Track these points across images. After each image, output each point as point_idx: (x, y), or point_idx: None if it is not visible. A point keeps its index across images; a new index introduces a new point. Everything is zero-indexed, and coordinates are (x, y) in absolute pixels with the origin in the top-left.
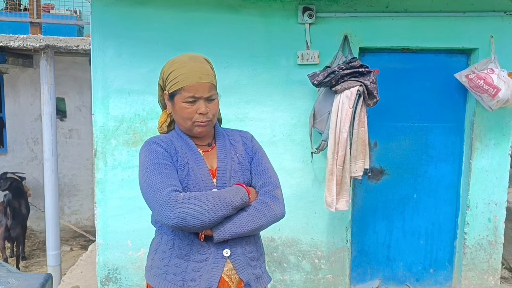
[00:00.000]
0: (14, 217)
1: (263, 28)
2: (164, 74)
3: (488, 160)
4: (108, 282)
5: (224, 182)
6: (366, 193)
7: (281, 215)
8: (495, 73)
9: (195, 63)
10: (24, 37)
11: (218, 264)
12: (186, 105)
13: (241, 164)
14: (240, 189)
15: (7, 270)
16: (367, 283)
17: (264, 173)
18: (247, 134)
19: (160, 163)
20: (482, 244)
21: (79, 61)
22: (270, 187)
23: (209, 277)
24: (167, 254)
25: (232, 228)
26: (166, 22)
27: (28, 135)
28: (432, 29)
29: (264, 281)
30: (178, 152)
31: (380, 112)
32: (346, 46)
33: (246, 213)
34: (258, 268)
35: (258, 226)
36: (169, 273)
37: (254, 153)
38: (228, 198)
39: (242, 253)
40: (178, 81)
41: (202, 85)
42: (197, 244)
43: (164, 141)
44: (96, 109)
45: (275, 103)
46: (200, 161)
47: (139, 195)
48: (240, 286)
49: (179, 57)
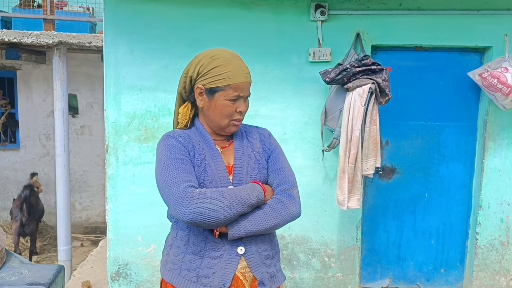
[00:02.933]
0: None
1: (275, 25)
2: (201, 68)
3: (501, 160)
4: (118, 277)
5: (240, 179)
6: (377, 192)
7: (297, 215)
8: (509, 72)
9: (239, 61)
10: (38, 34)
11: (232, 261)
12: (228, 103)
13: (258, 162)
14: (256, 187)
15: (20, 261)
16: (377, 282)
17: (281, 172)
18: (265, 131)
19: (177, 157)
20: (494, 244)
21: (91, 58)
22: (287, 186)
23: (222, 274)
24: (182, 250)
25: (247, 226)
26: (178, 18)
27: (40, 131)
28: (446, 27)
29: (278, 280)
30: (196, 148)
31: (392, 111)
32: (358, 43)
33: (261, 211)
34: (273, 266)
35: (273, 225)
36: (183, 268)
37: (271, 150)
38: (244, 196)
39: (257, 251)
40: (225, 77)
41: (247, 84)
42: (211, 240)
43: (182, 136)
44: (108, 105)
45: (286, 101)
46: (217, 157)
47: (150, 191)
48: (254, 284)
49: (218, 51)
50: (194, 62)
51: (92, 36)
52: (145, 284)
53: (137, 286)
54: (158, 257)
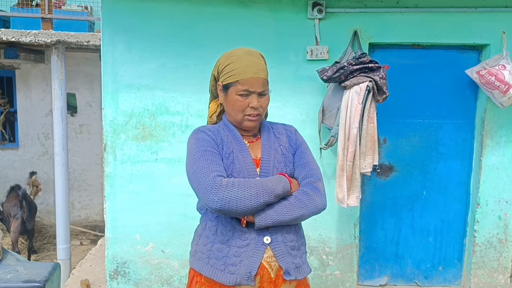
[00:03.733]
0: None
1: (272, 23)
2: (220, 66)
3: (499, 157)
4: (116, 275)
5: (267, 171)
6: (374, 190)
7: (322, 207)
8: (507, 70)
9: (251, 57)
10: (36, 33)
11: (258, 250)
12: (239, 98)
13: (284, 156)
14: (283, 178)
15: (16, 259)
16: (375, 280)
17: (307, 165)
18: (291, 127)
19: (206, 150)
20: (492, 242)
21: (90, 57)
22: (313, 179)
23: (249, 263)
24: (210, 240)
25: (274, 215)
26: (175, 17)
27: (39, 130)
28: (443, 24)
29: (304, 271)
30: (224, 141)
31: (389, 108)
32: (356, 41)
33: (287, 202)
34: (299, 257)
35: (299, 215)
36: (211, 257)
37: (298, 145)
38: (270, 186)
39: (283, 241)
40: (235, 74)
41: (257, 80)
42: (238, 230)
43: (211, 130)
44: (106, 103)
45: (283, 99)
46: (245, 150)
47: (148, 190)
48: (279, 273)
49: (235, 50)
50: (217, 62)
51: (91, 35)
52: (143, 282)
53: (135, 284)
54: (157, 255)
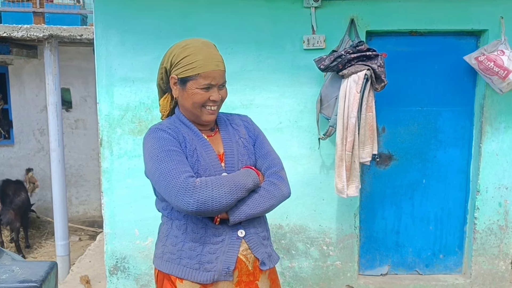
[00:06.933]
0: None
1: (268, 12)
2: (173, 58)
3: (499, 144)
4: (116, 271)
5: (232, 166)
6: (374, 179)
7: (288, 195)
8: (506, 55)
9: (211, 49)
10: (28, 27)
11: (234, 244)
12: (200, 91)
13: (246, 148)
14: (251, 172)
15: (11, 259)
16: (376, 269)
17: (268, 155)
18: (246, 117)
19: (170, 150)
20: (492, 229)
21: (83, 51)
22: (276, 168)
23: (226, 258)
24: (180, 239)
25: (246, 210)
26: (169, 8)
27: (34, 126)
28: (441, 11)
29: (274, 259)
30: (186, 139)
31: (388, 97)
32: (353, 29)
33: (257, 194)
34: (269, 247)
35: (270, 206)
36: (183, 257)
37: (256, 136)
38: (242, 181)
39: (255, 233)
40: (195, 67)
41: (219, 72)
42: (211, 227)
43: (171, 128)
44: (100, 98)
45: (281, 89)
46: (207, 146)
47: (145, 184)
48: (255, 264)
49: (190, 41)
50: (168, 53)
51: (83, 29)
52: (143, 277)
53: (135, 279)
54: None
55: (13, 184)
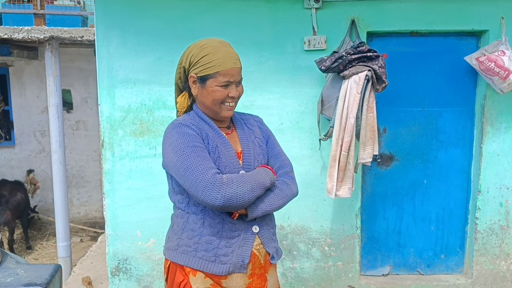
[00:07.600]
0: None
1: (268, 13)
2: (192, 58)
3: (500, 144)
4: (118, 272)
5: (249, 164)
6: (375, 180)
7: (296, 194)
8: (506, 55)
9: (227, 48)
10: (28, 29)
11: (249, 239)
12: (219, 89)
13: (261, 148)
14: (268, 171)
15: (16, 262)
16: (377, 270)
17: (279, 156)
18: (259, 118)
19: (195, 146)
20: (493, 229)
21: (84, 52)
22: (288, 169)
23: (241, 252)
24: (197, 232)
25: (263, 206)
26: (170, 10)
27: (35, 127)
28: (441, 11)
29: (280, 254)
30: (209, 136)
31: (389, 97)
32: (354, 30)
33: (272, 193)
34: (277, 242)
35: (282, 204)
36: (199, 250)
37: (268, 136)
38: (261, 180)
39: (267, 229)
40: (214, 65)
41: (237, 70)
42: (228, 222)
43: (194, 124)
44: (102, 99)
45: (282, 90)
46: (227, 144)
47: (147, 185)
48: (266, 258)
49: (207, 41)
50: (186, 53)
51: (84, 30)
52: (145, 279)
53: (137, 280)
54: (158, 251)
55: (9, 184)
